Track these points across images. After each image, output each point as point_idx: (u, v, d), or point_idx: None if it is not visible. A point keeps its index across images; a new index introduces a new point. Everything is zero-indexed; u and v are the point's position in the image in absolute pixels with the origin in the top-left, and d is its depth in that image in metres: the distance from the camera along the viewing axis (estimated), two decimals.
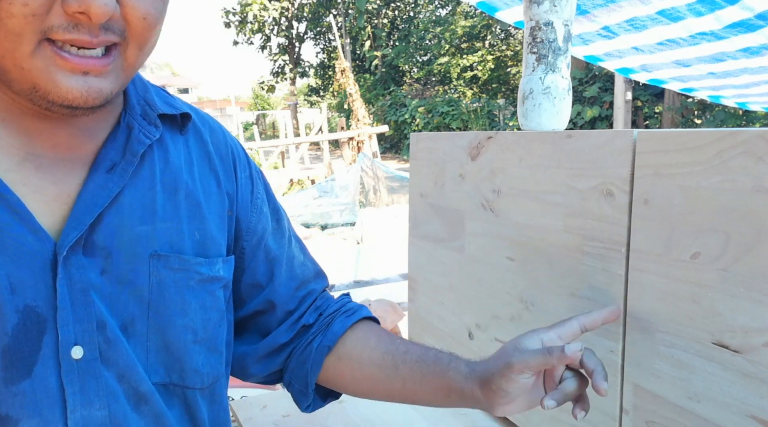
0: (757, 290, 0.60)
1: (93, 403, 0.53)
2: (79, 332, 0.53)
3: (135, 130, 0.60)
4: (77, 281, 0.53)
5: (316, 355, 0.72)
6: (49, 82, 0.49)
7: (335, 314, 0.76)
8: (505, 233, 1.00)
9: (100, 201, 0.55)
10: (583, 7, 1.74)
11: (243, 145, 4.94)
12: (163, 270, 0.59)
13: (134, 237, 0.58)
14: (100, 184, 0.56)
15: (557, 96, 1.10)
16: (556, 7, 1.08)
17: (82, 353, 0.53)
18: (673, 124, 11.29)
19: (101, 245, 0.55)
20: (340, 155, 13.60)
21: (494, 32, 18.99)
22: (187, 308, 0.61)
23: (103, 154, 0.57)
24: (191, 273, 0.62)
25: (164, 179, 0.61)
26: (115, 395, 0.55)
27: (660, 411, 0.73)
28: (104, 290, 0.55)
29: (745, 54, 1.96)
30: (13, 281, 0.50)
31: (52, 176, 0.55)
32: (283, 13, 21.36)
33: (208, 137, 0.69)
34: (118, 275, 0.56)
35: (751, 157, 0.60)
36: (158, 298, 0.59)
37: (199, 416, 0.63)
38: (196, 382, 0.62)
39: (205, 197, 0.65)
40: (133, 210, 0.58)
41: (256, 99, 33.44)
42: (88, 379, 0.53)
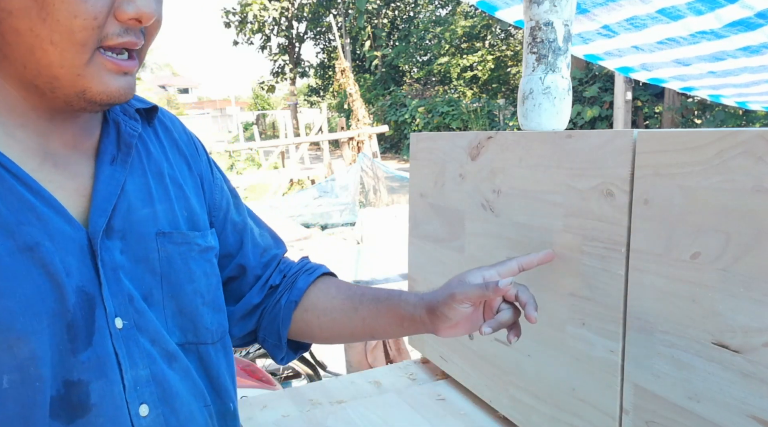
0: (757, 290, 0.60)
1: (138, 364, 0.61)
2: (117, 306, 0.60)
3: (122, 125, 0.68)
4: (108, 261, 0.61)
5: (285, 310, 0.82)
6: (101, 85, 0.57)
7: (298, 272, 0.86)
8: (505, 233, 1.00)
9: (113, 190, 0.63)
10: (583, 6, 1.74)
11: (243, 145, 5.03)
12: (169, 245, 0.67)
13: (141, 219, 0.66)
14: (109, 175, 0.64)
15: (557, 96, 1.10)
16: (556, 7, 1.08)
17: (122, 323, 0.60)
18: (673, 124, 11.29)
19: (117, 228, 0.63)
20: (340, 155, 13.59)
21: (494, 32, 18.99)
22: (193, 275, 0.70)
23: (102, 148, 0.65)
24: (192, 245, 0.70)
25: (151, 167, 0.70)
26: (152, 357, 0.63)
27: (660, 411, 0.73)
28: (126, 268, 0.63)
29: (745, 53, 1.96)
30: (66, 266, 0.57)
31: (69, 172, 0.62)
32: (283, 13, 21.36)
33: (171, 126, 0.78)
34: (134, 253, 0.64)
35: (751, 157, 0.60)
36: (168, 269, 0.67)
37: (211, 367, 0.72)
38: (208, 338, 0.71)
39: (183, 180, 0.74)
40: (136, 195, 0.66)
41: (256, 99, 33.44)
42: (131, 344, 0.61)
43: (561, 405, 0.90)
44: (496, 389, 1.07)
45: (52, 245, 0.56)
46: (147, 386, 0.62)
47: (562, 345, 0.88)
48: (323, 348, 2.99)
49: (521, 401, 1.00)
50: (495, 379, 1.07)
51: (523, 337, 0.98)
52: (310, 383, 2.04)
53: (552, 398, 0.92)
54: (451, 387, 1.24)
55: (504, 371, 1.04)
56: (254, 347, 2.64)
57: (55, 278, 0.56)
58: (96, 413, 0.57)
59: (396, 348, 1.90)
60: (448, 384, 1.26)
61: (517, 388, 1.00)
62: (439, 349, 1.28)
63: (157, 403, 0.62)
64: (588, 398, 0.84)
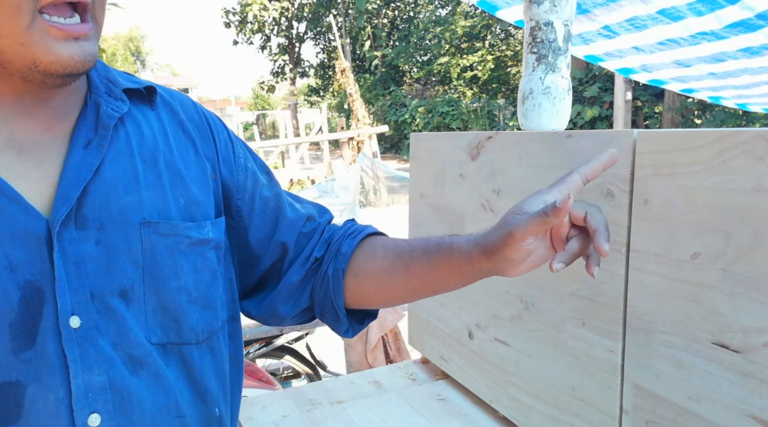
0: (757, 290, 0.60)
1: (93, 369, 0.56)
2: (75, 303, 0.56)
3: (103, 107, 0.62)
4: (71, 254, 0.56)
5: (333, 281, 0.75)
6: (50, 54, 0.53)
7: (342, 238, 0.78)
8: None
9: (82, 175, 0.58)
10: (583, 6, 1.74)
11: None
12: (154, 236, 0.62)
13: (122, 207, 0.60)
14: (80, 160, 0.58)
15: (557, 96, 1.10)
16: (556, 7, 1.08)
17: (79, 322, 0.56)
18: (673, 124, 11.29)
19: (92, 218, 0.58)
20: (340, 155, 13.59)
21: (494, 32, 18.98)
22: (179, 270, 0.64)
23: (77, 132, 0.60)
24: (181, 237, 0.64)
25: (142, 151, 0.64)
26: (111, 361, 0.58)
27: (660, 411, 0.73)
28: (101, 260, 0.58)
29: (746, 54, 1.96)
30: (12, 260, 0.53)
31: (34, 159, 0.57)
32: (283, 13, 21.35)
33: (179, 108, 0.72)
34: (113, 244, 0.59)
35: (751, 157, 0.60)
36: (152, 263, 0.62)
37: (196, 369, 0.66)
38: (192, 338, 0.66)
39: (185, 164, 0.68)
40: (117, 181, 0.61)
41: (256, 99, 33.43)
42: (87, 346, 0.56)
43: (561, 405, 0.90)
44: (496, 389, 1.07)
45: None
46: (102, 393, 0.57)
47: (562, 345, 0.88)
48: (323, 348, 2.99)
49: (521, 401, 1.00)
50: (495, 379, 1.07)
51: (523, 337, 0.98)
52: (310, 383, 2.04)
53: (552, 398, 0.92)
54: (451, 387, 1.24)
55: (504, 371, 1.04)
56: (254, 347, 2.64)
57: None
58: (26, 420, 0.53)
59: (396, 348, 1.90)
60: (448, 384, 1.26)
61: (517, 388, 1.00)
62: (439, 349, 1.28)
63: (112, 413, 0.57)
64: (588, 398, 0.84)
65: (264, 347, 2.66)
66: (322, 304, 0.77)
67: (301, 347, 2.81)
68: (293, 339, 2.78)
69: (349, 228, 0.80)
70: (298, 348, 2.78)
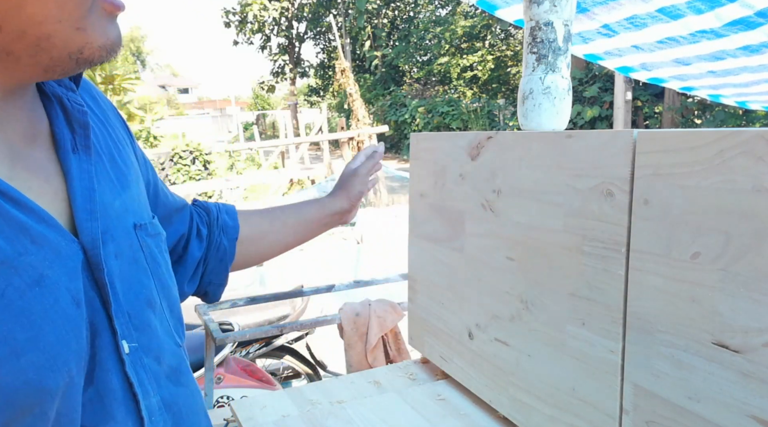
0: (757, 290, 0.60)
1: (149, 392, 0.53)
2: (120, 326, 0.52)
3: (65, 100, 0.55)
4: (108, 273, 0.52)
5: (230, 249, 0.87)
6: (102, 36, 0.47)
7: (217, 215, 0.88)
8: (505, 233, 1.00)
9: (87, 184, 0.53)
10: (583, 5, 1.74)
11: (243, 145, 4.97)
12: (147, 239, 0.59)
13: (117, 213, 0.56)
14: (77, 167, 0.53)
15: (557, 96, 1.10)
16: (556, 7, 1.07)
17: (128, 347, 0.52)
18: (673, 124, 11.28)
19: (104, 229, 0.53)
20: (340, 155, 13.59)
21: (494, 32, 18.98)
22: (169, 268, 0.64)
23: (59, 134, 0.54)
24: (161, 236, 0.63)
25: (101, 147, 0.59)
26: (159, 379, 0.55)
27: (660, 411, 0.73)
28: (124, 275, 0.54)
29: (745, 52, 1.96)
30: (73, 294, 0.47)
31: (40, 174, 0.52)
32: (283, 13, 21.35)
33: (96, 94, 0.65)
34: (127, 254, 0.55)
35: (751, 157, 0.60)
36: (154, 266, 0.59)
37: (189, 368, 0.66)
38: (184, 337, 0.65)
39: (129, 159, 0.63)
40: (104, 186, 0.56)
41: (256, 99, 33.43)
42: (139, 370, 0.53)
43: (561, 405, 0.90)
44: (496, 389, 1.07)
45: (54, 273, 0.46)
46: (160, 414, 0.54)
47: (562, 345, 0.88)
48: (323, 348, 2.99)
49: (521, 401, 1.00)
50: (495, 379, 1.07)
51: (523, 337, 0.98)
52: (310, 383, 2.04)
53: (552, 398, 0.92)
54: (451, 387, 1.24)
55: (504, 371, 1.04)
56: (254, 347, 2.64)
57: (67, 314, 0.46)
58: None
59: (396, 348, 1.89)
60: (448, 384, 1.26)
61: (517, 388, 1.00)
62: (439, 349, 1.28)
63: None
64: (588, 398, 0.84)
65: (264, 347, 2.65)
66: (213, 272, 0.86)
67: (301, 347, 2.81)
68: (293, 339, 2.78)
69: (213, 207, 0.90)
70: (298, 348, 2.78)
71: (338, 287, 1.97)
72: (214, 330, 1.71)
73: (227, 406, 2.18)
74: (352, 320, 1.87)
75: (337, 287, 1.96)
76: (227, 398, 2.23)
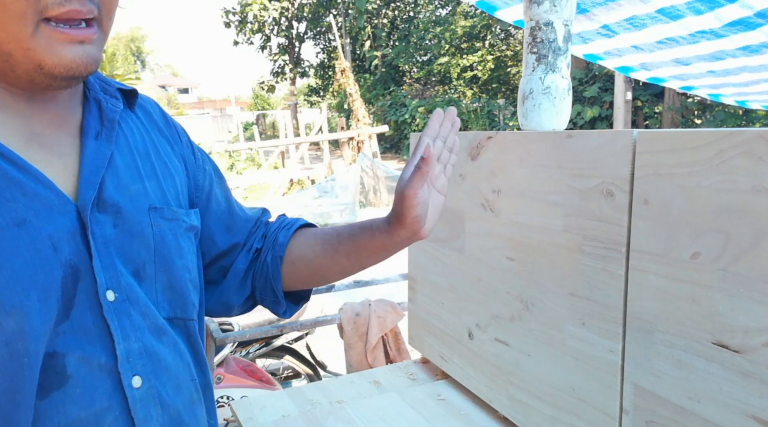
0: (757, 290, 0.60)
1: (130, 337, 0.62)
2: (108, 279, 0.61)
3: (103, 103, 0.68)
4: (99, 235, 0.61)
5: (272, 267, 0.85)
6: (54, 57, 0.56)
7: (277, 230, 0.89)
8: (505, 233, 1.00)
9: (100, 163, 0.64)
10: (582, 6, 1.74)
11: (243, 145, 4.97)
12: (161, 220, 0.68)
13: (132, 194, 0.66)
14: (94, 149, 0.64)
15: (557, 96, 1.10)
16: (556, 7, 1.07)
17: (114, 296, 0.61)
18: (673, 124, 11.28)
19: (111, 202, 0.63)
20: (340, 155, 13.59)
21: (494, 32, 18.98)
22: (182, 251, 0.71)
23: (86, 125, 0.66)
24: (180, 222, 0.72)
25: (136, 146, 0.71)
26: (142, 330, 0.63)
27: (660, 411, 0.73)
28: (118, 242, 0.63)
29: (745, 52, 1.96)
30: (54, 241, 0.57)
31: (56, 152, 0.62)
32: (283, 13, 21.35)
33: (151, 110, 0.78)
34: (128, 227, 0.64)
35: (751, 157, 0.60)
36: (161, 244, 0.68)
37: (195, 343, 0.73)
38: (194, 313, 0.73)
39: (168, 159, 0.75)
40: (124, 171, 0.67)
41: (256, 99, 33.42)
42: (122, 317, 0.62)
43: (561, 405, 0.90)
44: (496, 389, 1.07)
45: (39, 221, 0.56)
46: (140, 358, 0.63)
47: (562, 345, 0.88)
48: (323, 348, 2.99)
49: (521, 401, 1.00)
50: (495, 379, 1.07)
51: (522, 337, 0.98)
52: (310, 383, 2.04)
53: (552, 398, 0.92)
54: (451, 387, 1.24)
55: (504, 371, 1.04)
56: (254, 347, 2.64)
57: (42, 254, 0.56)
58: (73, 385, 0.58)
59: (396, 348, 1.89)
60: (448, 384, 1.26)
61: (517, 388, 1.00)
62: (439, 349, 1.28)
63: (150, 375, 0.63)
64: (588, 398, 0.84)
65: (264, 347, 2.65)
66: (263, 289, 0.86)
67: (301, 347, 2.81)
68: (293, 339, 2.78)
69: (283, 221, 0.91)
70: (298, 348, 2.78)
71: (338, 287, 1.96)
72: (214, 330, 1.71)
73: (227, 406, 2.17)
74: (352, 320, 1.87)
75: (337, 287, 1.96)
76: (227, 398, 2.23)
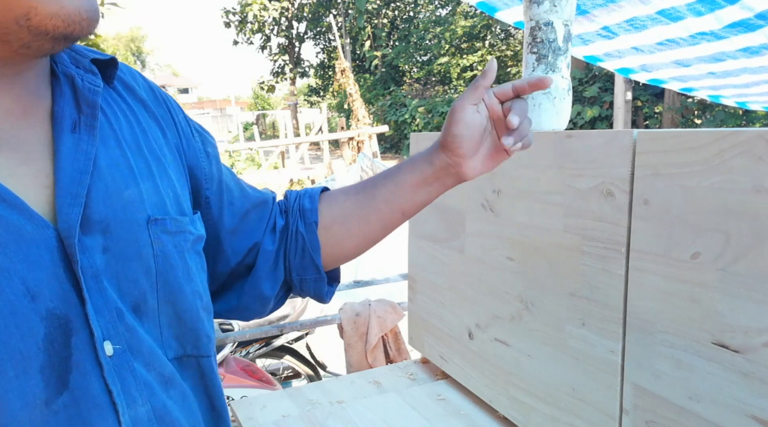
0: (757, 290, 0.60)
1: (136, 400, 0.48)
2: (104, 326, 0.46)
3: (78, 80, 0.51)
4: (87, 266, 0.46)
5: (309, 236, 0.70)
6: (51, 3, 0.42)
7: (297, 201, 0.74)
8: (505, 233, 1.00)
9: (80, 166, 0.47)
10: (582, 7, 1.74)
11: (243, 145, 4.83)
12: (163, 235, 0.53)
13: (125, 203, 0.50)
14: (72, 146, 0.47)
15: (557, 96, 1.10)
16: (556, 7, 1.08)
17: (112, 349, 0.46)
18: (673, 124, 11.29)
19: (96, 219, 0.47)
20: (340, 155, 13.59)
21: (494, 32, 18.98)
22: (191, 272, 0.56)
23: (58, 112, 0.49)
24: (186, 234, 0.56)
25: (124, 135, 0.54)
26: (150, 387, 0.49)
27: (660, 411, 0.73)
28: (110, 271, 0.48)
29: (745, 54, 1.96)
30: (30, 285, 0.42)
31: (19, 153, 0.46)
32: (283, 13, 21.35)
33: (134, 83, 0.59)
34: (121, 250, 0.49)
35: (751, 157, 0.60)
36: (165, 267, 0.52)
37: (211, 382, 0.58)
38: (210, 349, 0.58)
39: (161, 151, 0.58)
40: (113, 172, 0.50)
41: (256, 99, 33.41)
42: (125, 375, 0.47)
43: (561, 405, 0.90)
44: (496, 389, 1.07)
45: (5, 259, 0.41)
46: (149, 425, 0.48)
47: (563, 345, 0.88)
48: (323, 348, 2.99)
49: (521, 401, 1.00)
50: (495, 379, 1.07)
51: (523, 337, 0.98)
52: (310, 383, 2.04)
53: (552, 398, 0.92)
54: (451, 387, 1.24)
55: (504, 371, 1.04)
56: (254, 347, 2.64)
57: (14, 307, 0.41)
58: None
59: (396, 348, 1.89)
60: (448, 384, 1.26)
61: (517, 388, 1.00)
62: (439, 349, 1.28)
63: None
64: (588, 398, 0.84)
65: (264, 347, 2.66)
66: (300, 267, 0.71)
67: (301, 347, 2.81)
68: (293, 339, 2.78)
69: (299, 193, 0.76)
70: (298, 348, 2.78)
71: (338, 287, 1.96)
72: None
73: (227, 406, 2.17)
74: (352, 320, 1.87)
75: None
76: (227, 398, 2.23)
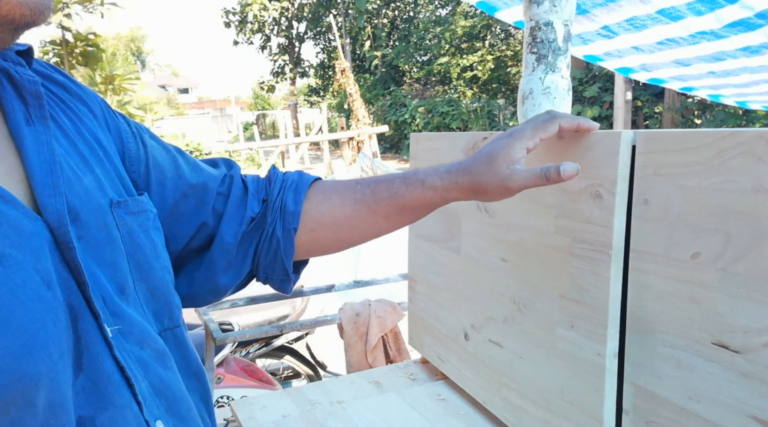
0: (757, 290, 0.60)
1: (137, 377, 0.49)
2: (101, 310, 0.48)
3: (12, 72, 0.50)
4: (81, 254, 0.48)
5: (285, 241, 0.68)
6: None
7: (282, 193, 0.70)
8: (499, 233, 1.00)
9: (47, 157, 0.48)
10: (582, 7, 1.74)
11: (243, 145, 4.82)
12: (126, 217, 0.54)
13: (86, 190, 0.51)
14: (32, 139, 0.48)
15: (557, 96, 1.10)
16: (556, 7, 1.08)
17: (110, 330, 0.48)
18: (673, 124, 11.29)
19: (68, 208, 0.48)
20: (340, 155, 13.59)
21: (494, 32, 18.98)
22: (157, 248, 0.57)
23: (7, 106, 0.49)
24: (147, 213, 0.58)
25: (65, 123, 0.55)
26: (145, 363, 0.51)
27: (660, 411, 0.73)
28: (90, 257, 0.49)
29: (745, 53, 1.96)
30: (43, 275, 0.43)
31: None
32: (283, 13, 21.35)
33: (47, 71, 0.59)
34: (94, 236, 0.50)
35: (751, 157, 0.60)
36: (133, 247, 0.54)
37: (187, 351, 0.60)
38: (179, 319, 0.59)
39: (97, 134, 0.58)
40: (69, 161, 0.51)
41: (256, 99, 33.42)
42: (124, 354, 0.49)
43: (551, 408, 0.90)
44: (490, 390, 1.07)
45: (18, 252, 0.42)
46: (152, 398, 0.50)
47: (552, 347, 0.88)
48: (323, 348, 2.99)
49: (513, 403, 1.00)
50: (489, 380, 1.07)
51: (515, 338, 0.98)
52: (310, 383, 2.04)
53: (543, 400, 0.92)
54: (450, 387, 1.24)
55: (497, 372, 1.04)
56: (254, 347, 2.64)
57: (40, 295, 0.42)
58: None
59: (396, 348, 1.89)
60: (448, 384, 1.26)
61: (509, 389, 1.00)
62: (437, 349, 1.28)
63: (167, 416, 0.51)
64: (576, 401, 0.84)
65: (264, 347, 2.66)
66: (269, 267, 0.70)
67: (301, 347, 2.81)
68: (293, 339, 2.78)
69: (285, 181, 0.71)
70: (298, 348, 2.78)
71: (338, 287, 1.96)
72: (214, 330, 1.71)
73: (227, 406, 2.17)
74: (352, 320, 1.87)
75: (337, 287, 1.96)
76: (227, 398, 2.23)
